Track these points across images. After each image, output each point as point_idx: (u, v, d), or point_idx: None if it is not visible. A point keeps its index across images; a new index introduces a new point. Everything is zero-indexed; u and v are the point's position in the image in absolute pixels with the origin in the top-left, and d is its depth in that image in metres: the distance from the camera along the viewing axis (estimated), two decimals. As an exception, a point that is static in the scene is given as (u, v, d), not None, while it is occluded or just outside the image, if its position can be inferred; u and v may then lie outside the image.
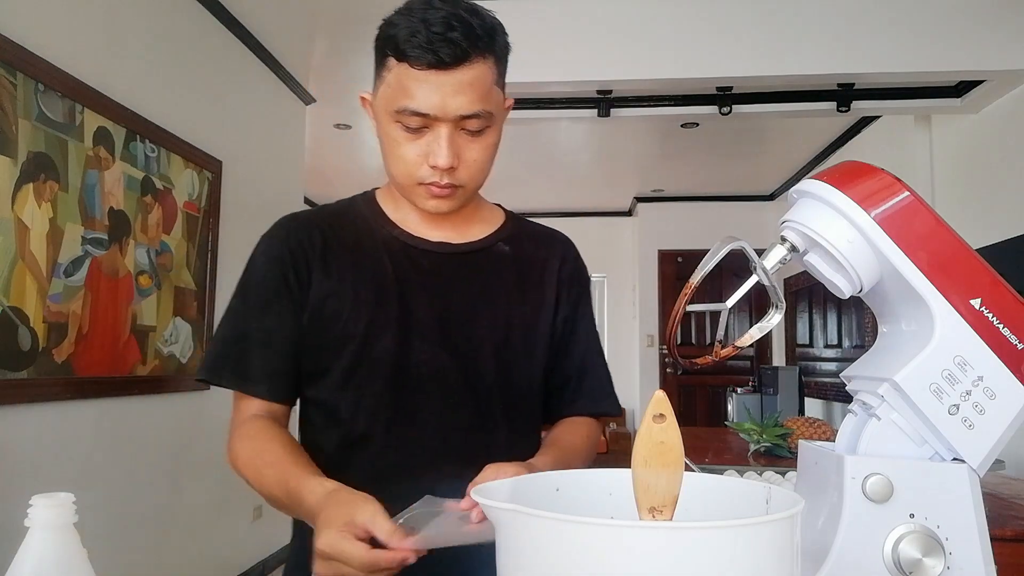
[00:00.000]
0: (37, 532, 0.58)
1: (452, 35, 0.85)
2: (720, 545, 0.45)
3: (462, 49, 0.86)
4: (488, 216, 1.07)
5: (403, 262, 0.98)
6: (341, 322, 0.95)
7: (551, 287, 1.04)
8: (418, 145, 0.90)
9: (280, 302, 0.96)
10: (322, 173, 6.63)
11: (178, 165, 3.13)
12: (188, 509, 3.27)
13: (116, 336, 2.71)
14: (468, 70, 0.87)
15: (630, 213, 7.99)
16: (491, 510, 0.51)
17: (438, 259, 0.99)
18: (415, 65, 0.86)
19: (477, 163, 0.93)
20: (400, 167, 0.93)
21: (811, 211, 0.71)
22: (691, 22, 3.27)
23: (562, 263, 1.06)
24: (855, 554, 0.66)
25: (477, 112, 0.89)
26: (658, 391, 0.56)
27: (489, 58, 0.90)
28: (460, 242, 1.01)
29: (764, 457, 2.55)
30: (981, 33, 3.15)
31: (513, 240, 1.05)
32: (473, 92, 0.88)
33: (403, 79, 0.88)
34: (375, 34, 0.95)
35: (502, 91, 0.96)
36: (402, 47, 0.87)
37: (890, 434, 0.69)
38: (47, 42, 2.37)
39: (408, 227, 1.01)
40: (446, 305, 0.97)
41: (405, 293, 0.96)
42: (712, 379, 6.88)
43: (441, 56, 0.85)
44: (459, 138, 0.90)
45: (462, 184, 0.93)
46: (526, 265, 1.04)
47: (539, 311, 1.02)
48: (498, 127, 0.95)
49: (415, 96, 0.87)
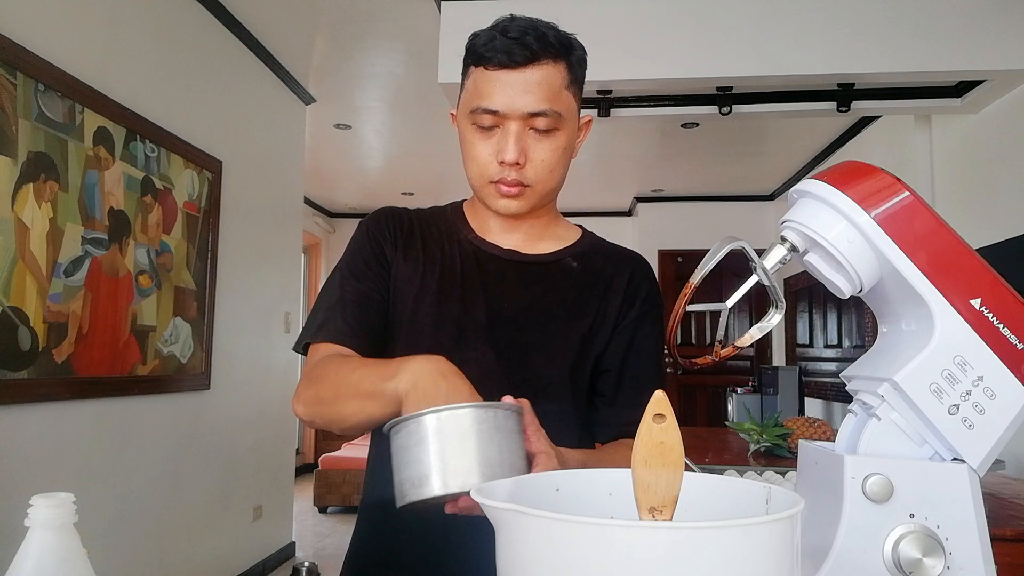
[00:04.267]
0: (37, 532, 0.58)
1: (526, 39, 0.92)
2: (720, 545, 0.45)
3: (532, 51, 0.92)
4: (563, 234, 1.09)
5: (471, 264, 1.03)
6: (406, 306, 1.00)
7: (614, 303, 1.04)
8: (489, 144, 0.96)
9: (374, 269, 1.03)
10: (322, 173, 6.63)
11: (178, 165, 3.13)
12: (188, 509, 3.27)
13: (116, 336, 2.71)
14: (537, 70, 0.93)
15: (630, 213, 7.99)
16: (491, 510, 0.51)
17: (504, 265, 1.04)
18: (489, 66, 0.93)
19: (545, 164, 0.96)
20: (473, 167, 0.98)
21: (811, 211, 0.71)
22: (691, 22, 3.26)
23: (629, 281, 1.05)
24: (855, 554, 0.66)
25: (544, 110, 0.93)
26: (658, 391, 0.56)
27: (560, 63, 0.95)
28: (529, 252, 1.05)
29: (764, 457, 2.55)
30: (981, 33, 3.15)
31: (584, 257, 1.07)
32: (541, 91, 0.93)
33: (478, 81, 0.95)
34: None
35: (575, 100, 0.99)
36: (479, 51, 0.94)
37: (890, 434, 0.69)
38: (47, 42, 2.37)
39: (484, 234, 1.06)
40: (501, 309, 1.00)
41: (466, 292, 1.01)
42: (712, 379, 6.88)
43: (513, 56, 0.92)
44: (527, 137, 0.95)
45: (530, 183, 0.97)
46: (592, 280, 1.05)
47: (599, 326, 1.02)
48: (569, 132, 0.98)
49: (487, 94, 0.93)
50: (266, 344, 4.12)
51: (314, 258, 7.90)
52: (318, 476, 5.66)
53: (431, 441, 0.70)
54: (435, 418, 0.70)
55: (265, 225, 4.11)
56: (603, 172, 6.66)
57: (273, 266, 4.24)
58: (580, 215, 7.83)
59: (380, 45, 4.09)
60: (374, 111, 5.20)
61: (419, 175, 6.77)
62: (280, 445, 4.29)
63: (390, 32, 3.91)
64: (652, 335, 1.06)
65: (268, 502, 4.13)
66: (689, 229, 7.20)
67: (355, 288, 1.01)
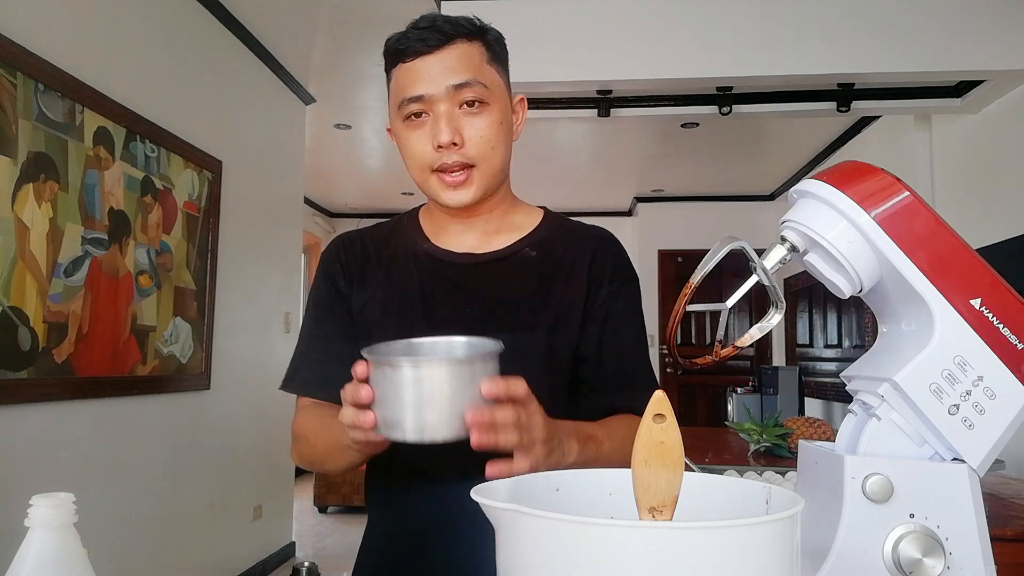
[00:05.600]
0: (37, 532, 0.58)
1: (437, 24, 0.94)
2: (720, 545, 0.45)
3: (444, 33, 0.93)
4: (522, 222, 1.06)
5: (430, 275, 1.01)
6: (372, 334, 0.98)
7: (578, 289, 1.00)
8: (422, 133, 0.94)
9: (333, 310, 1.04)
10: (322, 173, 6.63)
11: (178, 165, 3.13)
12: (188, 509, 3.27)
13: (116, 336, 2.71)
14: (454, 49, 0.93)
15: (630, 213, 7.99)
16: (491, 510, 0.51)
17: (462, 270, 1.01)
18: (407, 59, 0.94)
19: (485, 140, 0.94)
20: (412, 161, 0.97)
21: (811, 211, 0.71)
22: (691, 22, 3.27)
23: (591, 263, 1.02)
24: (855, 554, 0.66)
25: (467, 80, 0.93)
26: (658, 391, 0.56)
27: (475, 41, 0.95)
28: (484, 251, 1.02)
29: (764, 457, 2.55)
30: (981, 33, 3.15)
31: (543, 244, 1.03)
32: (460, 65, 0.93)
33: (399, 76, 0.95)
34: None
35: (500, 76, 0.98)
36: (394, 48, 0.96)
37: (890, 434, 0.69)
38: (47, 42, 2.37)
39: (439, 240, 1.04)
40: (469, 315, 0.98)
41: (430, 305, 0.99)
42: (712, 379, 6.88)
43: (427, 42, 0.93)
44: (459, 116, 0.93)
45: (473, 162, 0.94)
46: (553, 267, 1.02)
47: (565, 315, 0.99)
48: (502, 108, 0.96)
49: (409, 84, 0.94)
50: (266, 344, 4.12)
51: (314, 258, 7.90)
52: (318, 476, 5.66)
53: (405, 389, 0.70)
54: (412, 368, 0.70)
55: (265, 225, 4.11)
56: (603, 172, 6.66)
57: (273, 266, 4.24)
58: (580, 215, 7.81)
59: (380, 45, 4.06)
60: (374, 111, 5.20)
61: (419, 175, 6.76)
62: (280, 445, 4.29)
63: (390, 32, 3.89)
64: (628, 311, 1.03)
65: (268, 502, 4.14)
66: (689, 229, 7.19)
67: (319, 334, 1.04)
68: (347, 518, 5.56)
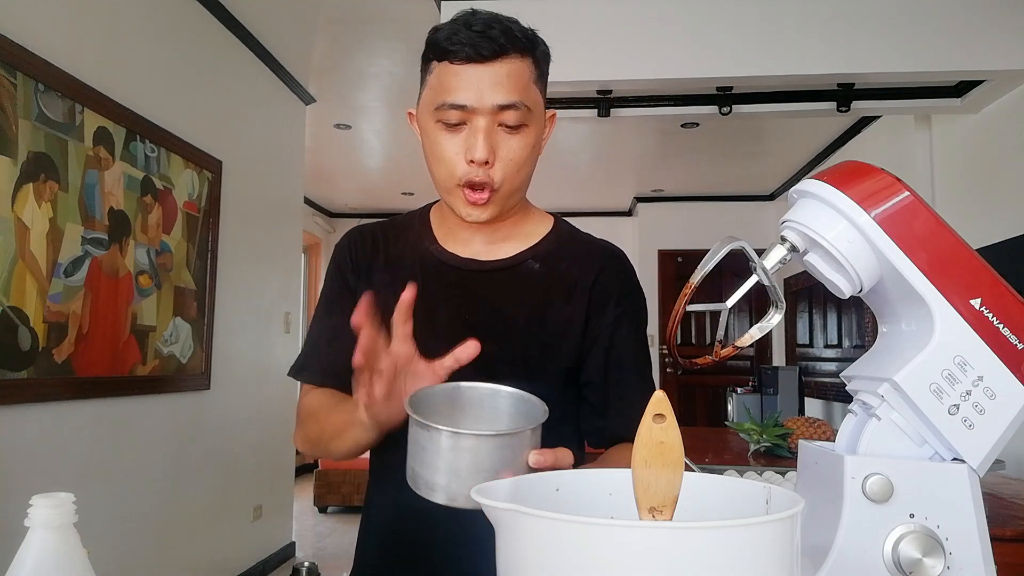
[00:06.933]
0: (37, 532, 0.58)
1: (491, 32, 0.90)
2: (720, 545, 0.45)
3: (500, 44, 0.90)
4: (532, 230, 1.04)
5: (432, 277, 1.00)
6: None
7: (579, 309, 0.99)
8: (457, 141, 0.92)
9: (342, 302, 1.02)
10: (322, 173, 6.63)
11: (178, 165, 3.13)
12: (188, 509, 3.27)
13: (116, 336, 2.71)
14: (506, 63, 0.91)
15: (630, 213, 7.99)
16: (491, 510, 0.51)
17: (464, 275, 1.01)
18: (455, 61, 0.90)
19: (514, 162, 0.93)
20: (440, 167, 0.94)
21: (811, 211, 0.71)
22: (691, 22, 3.27)
23: (595, 284, 1.00)
24: (855, 554, 0.66)
25: (514, 102, 0.90)
26: (658, 391, 0.56)
27: (527, 58, 0.93)
28: (489, 259, 1.01)
29: (764, 457, 2.55)
30: (981, 33, 3.15)
31: (548, 256, 1.02)
32: (510, 84, 0.91)
33: (443, 76, 0.92)
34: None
35: (541, 95, 0.97)
36: (443, 45, 0.91)
37: (890, 434, 0.69)
38: (47, 42, 2.37)
39: (446, 243, 1.03)
40: (463, 321, 0.97)
41: (429, 307, 0.97)
42: (712, 379, 6.88)
43: (480, 50, 0.89)
44: (496, 134, 0.92)
45: (497, 186, 0.93)
46: (554, 283, 1.00)
47: (564, 332, 0.99)
48: (537, 129, 0.95)
49: (454, 89, 0.90)
50: (266, 344, 4.12)
51: (314, 258, 7.90)
52: (318, 476, 5.66)
53: (444, 455, 0.69)
54: (450, 438, 0.68)
55: (265, 225, 4.11)
56: (603, 172, 6.66)
57: (273, 266, 4.24)
58: (580, 215, 7.83)
59: (380, 45, 4.09)
60: (374, 111, 5.21)
61: (419, 175, 6.74)
62: (280, 445, 4.29)
63: (390, 32, 3.91)
64: (631, 337, 1.02)
65: (268, 502, 4.13)
66: (689, 229, 7.20)
67: (328, 325, 1.04)
68: (347, 518, 5.56)
